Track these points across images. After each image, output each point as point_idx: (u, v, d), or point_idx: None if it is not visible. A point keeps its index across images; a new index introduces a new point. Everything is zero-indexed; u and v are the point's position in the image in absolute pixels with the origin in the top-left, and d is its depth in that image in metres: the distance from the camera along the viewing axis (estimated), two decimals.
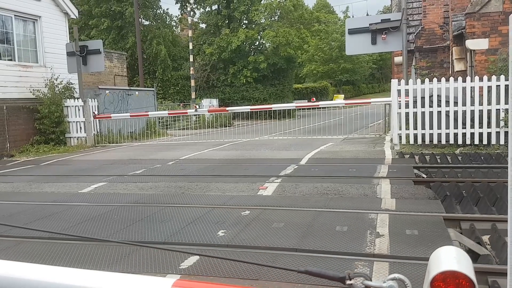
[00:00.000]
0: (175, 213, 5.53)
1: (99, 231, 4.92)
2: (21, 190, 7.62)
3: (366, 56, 59.09)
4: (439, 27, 16.49)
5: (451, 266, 0.85)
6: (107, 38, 31.93)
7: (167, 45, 33.80)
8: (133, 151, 12.93)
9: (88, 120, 14.52)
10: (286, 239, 4.34)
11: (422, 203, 5.53)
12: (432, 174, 7.69)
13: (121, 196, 6.70)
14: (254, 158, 10.31)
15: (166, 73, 33.46)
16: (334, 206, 5.54)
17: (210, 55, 33.07)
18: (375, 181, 7.03)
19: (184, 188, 7.15)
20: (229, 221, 5.03)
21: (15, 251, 4.38)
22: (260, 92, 33.56)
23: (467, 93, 10.19)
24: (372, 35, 12.23)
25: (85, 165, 10.42)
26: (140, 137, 16.93)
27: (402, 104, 10.74)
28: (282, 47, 31.93)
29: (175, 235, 4.64)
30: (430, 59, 16.39)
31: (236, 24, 34.01)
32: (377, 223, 4.75)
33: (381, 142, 12.15)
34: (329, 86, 55.09)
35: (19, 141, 13.49)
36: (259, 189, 6.77)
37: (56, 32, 15.01)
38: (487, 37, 11.99)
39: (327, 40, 56.69)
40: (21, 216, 5.74)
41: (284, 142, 13.50)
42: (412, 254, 3.80)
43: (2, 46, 13.42)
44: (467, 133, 10.23)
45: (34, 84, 13.86)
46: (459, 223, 4.87)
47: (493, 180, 6.62)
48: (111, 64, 21.56)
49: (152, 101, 19.74)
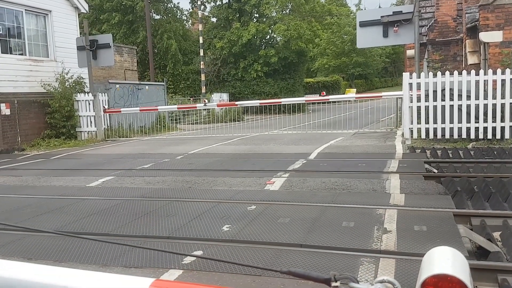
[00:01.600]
0: (181, 207, 5.50)
1: (105, 225, 4.91)
2: (30, 184, 7.66)
3: (378, 49, 58.40)
4: (452, 19, 16.17)
5: (445, 269, 0.78)
6: (118, 33, 32.02)
7: (177, 40, 33.77)
8: (143, 146, 12.95)
9: (98, 115, 14.58)
10: (292, 235, 4.27)
11: (432, 199, 5.42)
12: (443, 169, 7.54)
13: (128, 190, 6.69)
14: (262, 153, 10.24)
15: (177, 67, 33.46)
16: (341, 201, 5.45)
17: (220, 49, 32.95)
18: (384, 176, 6.91)
19: (191, 182, 7.12)
20: (235, 216, 4.98)
21: (16, 245, 4.38)
22: (271, 86, 33.37)
23: (480, 87, 9.98)
24: (383, 28, 12.02)
25: (94, 159, 10.46)
26: (150, 131, 16.96)
27: (413, 98, 10.56)
28: (293, 41, 31.65)
29: (179, 230, 4.60)
30: (443, 52, 16.09)
31: (247, 17, 33.82)
32: (385, 218, 4.66)
33: (392, 137, 11.98)
34: (341, 80, 54.60)
35: (30, 135, 13.60)
36: (266, 184, 6.70)
37: (67, 26, 15.06)
38: (501, 30, 11.72)
39: (339, 34, 56.09)
40: (28, 210, 5.76)
41: (293, 137, 13.40)
42: (419, 251, 3.70)
43: (13, 40, 13.51)
44: (480, 127, 10.03)
45: (45, 79, 13.95)
46: (470, 219, 4.74)
47: (506, 175, 6.47)
48: (121, 58, 21.61)
49: (162, 95, 19.76)
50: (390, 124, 15.83)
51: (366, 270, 3.44)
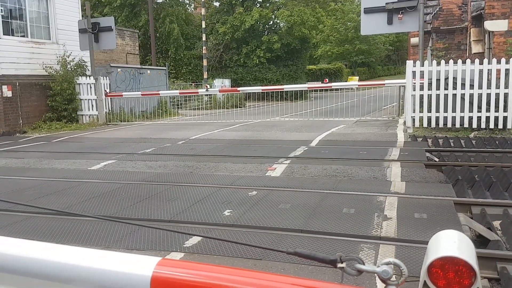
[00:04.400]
0: (183, 192, 5.52)
1: (106, 208, 4.94)
2: (32, 166, 7.69)
3: (382, 37, 57.90)
4: (457, 7, 16.03)
5: (451, 252, 0.78)
6: (120, 16, 31.76)
7: (180, 24, 33.49)
8: (144, 130, 12.95)
9: (100, 98, 14.55)
10: (292, 220, 4.30)
11: (433, 187, 5.44)
12: (445, 157, 7.54)
13: (130, 174, 6.71)
14: (264, 139, 10.25)
15: (179, 52, 33.25)
16: (342, 188, 5.47)
17: (223, 34, 32.71)
18: (385, 164, 6.92)
19: (192, 167, 7.14)
20: (236, 201, 5.01)
21: (21, 226, 4.42)
22: (273, 73, 33.21)
23: (484, 76, 9.93)
24: (388, 15, 11.92)
25: (96, 143, 10.47)
26: (151, 116, 16.94)
27: (416, 86, 10.52)
28: (297, 27, 31.39)
29: (181, 214, 4.63)
30: (447, 41, 15.98)
31: (250, 2, 33.50)
32: (385, 206, 4.68)
33: (394, 125, 11.97)
34: (343, 67, 54.27)
35: (32, 118, 13.60)
36: (267, 170, 6.72)
37: (69, 9, 14.94)
38: (507, 18, 11.61)
39: (343, 20, 55.61)
40: (30, 192, 5.79)
41: (295, 124, 13.38)
42: (419, 238, 3.73)
43: (15, 22, 13.41)
44: (482, 116, 10.01)
45: (47, 61, 13.89)
46: (470, 208, 4.76)
47: (507, 164, 6.47)
48: (123, 42, 21.48)
49: (164, 80, 19.67)
50: (392, 112, 15.78)
51: (366, 255, 3.47)
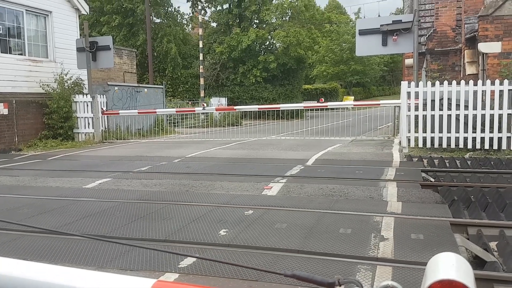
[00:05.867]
0: (178, 211, 5.49)
1: (100, 227, 4.89)
2: (26, 184, 7.63)
3: (377, 58, 58.66)
4: (451, 29, 16.28)
5: (449, 275, 0.78)
6: (118, 35, 32.06)
7: (177, 43, 33.83)
8: (140, 148, 12.93)
9: (96, 116, 14.56)
10: (289, 240, 4.27)
11: (429, 207, 5.43)
12: (440, 178, 7.56)
13: (125, 193, 6.67)
14: (260, 158, 10.24)
15: (176, 71, 33.50)
16: (339, 208, 5.45)
17: (220, 54, 33.03)
18: (381, 184, 6.92)
19: (188, 186, 7.11)
20: (232, 220, 4.97)
21: (13, 245, 4.36)
22: (269, 92, 33.46)
23: (478, 97, 10.03)
24: (383, 36, 12.08)
25: (91, 161, 10.42)
26: (147, 134, 16.94)
27: (411, 106, 10.60)
28: (293, 47, 31.77)
29: (176, 233, 4.59)
30: (442, 62, 16.18)
31: (247, 23, 33.92)
32: (382, 226, 4.66)
33: (390, 145, 12.01)
34: (339, 87, 54.81)
35: (28, 136, 13.56)
36: (263, 189, 6.70)
37: (67, 27, 15.07)
38: (500, 41, 11.80)
39: (338, 41, 56.39)
40: (24, 210, 5.73)
41: (291, 143, 13.41)
42: (416, 259, 3.71)
43: (13, 40, 13.50)
44: (477, 137, 10.07)
45: (44, 79, 13.93)
46: (466, 229, 4.75)
47: (503, 185, 6.49)
48: (120, 60, 21.61)
49: (161, 98, 19.75)
50: (388, 132, 15.86)
51: (363, 277, 3.44)
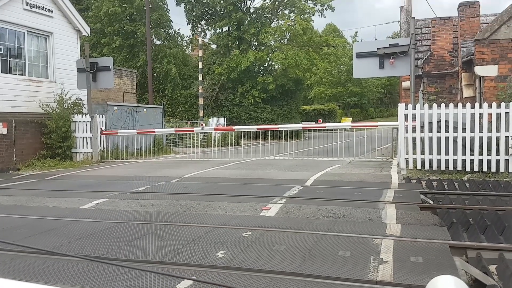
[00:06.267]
0: (175, 231, 5.45)
1: (97, 248, 4.84)
2: (23, 204, 7.58)
3: (374, 80, 59.27)
4: (448, 53, 16.49)
5: None
6: (119, 56, 32.37)
7: (177, 64, 34.15)
8: (138, 168, 12.91)
9: (95, 136, 14.57)
10: (287, 263, 4.23)
11: (428, 230, 5.40)
12: (439, 200, 7.54)
13: (122, 213, 6.63)
14: (259, 178, 10.23)
15: (176, 91, 33.72)
16: (337, 229, 5.42)
17: (219, 75, 33.31)
18: (380, 206, 6.90)
19: (186, 206, 7.07)
20: (230, 242, 4.93)
21: (9, 265, 4.31)
22: (268, 112, 33.64)
23: (476, 120, 10.09)
24: (379, 59, 12.22)
25: (89, 181, 10.39)
26: (146, 154, 16.93)
27: (409, 128, 10.65)
28: (291, 69, 32.09)
29: (173, 255, 4.54)
30: (439, 85, 16.33)
31: (246, 45, 34.31)
32: (381, 248, 4.62)
33: (388, 166, 12.02)
34: (337, 109, 55.17)
35: (26, 155, 13.54)
36: (262, 210, 6.67)
37: (68, 48, 15.23)
38: (497, 64, 11.95)
39: (335, 64, 57.01)
40: (20, 230, 5.68)
41: (290, 163, 13.41)
42: (415, 282, 3.67)
43: (14, 60, 13.61)
44: (475, 159, 10.09)
45: (44, 99, 14.00)
46: (466, 252, 4.72)
47: (501, 208, 6.47)
48: (120, 81, 21.77)
49: (160, 118, 19.82)
50: (386, 153, 15.89)
51: None
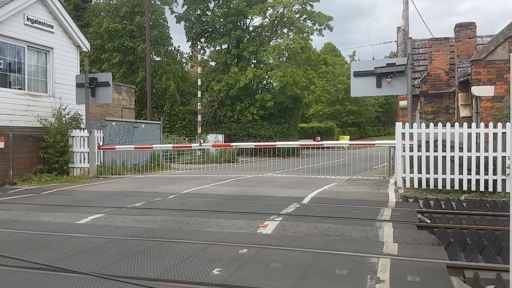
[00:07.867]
0: (171, 248, 5.41)
1: (92, 264, 4.80)
2: (19, 219, 7.53)
3: (372, 99, 59.72)
4: (445, 73, 16.66)
5: None
6: (118, 72, 32.58)
7: (176, 81, 34.36)
8: (135, 183, 12.86)
9: (93, 151, 14.55)
10: (284, 281, 4.19)
11: (425, 249, 5.38)
12: (436, 219, 7.52)
13: (118, 229, 6.58)
14: (256, 195, 10.19)
15: (174, 107, 33.85)
16: (334, 248, 5.39)
17: (218, 92, 33.49)
18: (377, 224, 6.88)
19: (182, 222, 7.03)
20: (226, 259, 4.90)
21: (4, 280, 4.26)
22: (266, 129, 33.74)
23: (473, 139, 10.12)
24: (377, 78, 12.30)
25: (85, 196, 10.34)
26: (143, 169, 16.89)
27: (406, 147, 10.68)
28: (289, 87, 32.31)
29: (168, 272, 4.50)
30: (436, 104, 16.45)
31: (244, 63, 34.60)
32: (378, 267, 4.59)
33: (385, 185, 12.01)
34: (335, 127, 55.42)
35: (23, 169, 13.49)
36: (259, 227, 6.63)
37: (67, 63, 15.32)
38: (493, 84, 12.06)
39: (333, 82, 57.50)
40: (16, 245, 5.63)
41: (287, 180, 13.38)
42: None
43: (13, 75, 13.67)
44: (472, 179, 10.09)
45: (42, 113, 14.02)
46: (463, 272, 4.69)
47: (499, 228, 6.46)
48: (119, 96, 21.85)
49: (158, 134, 19.84)
50: (383, 172, 15.90)
51: None
